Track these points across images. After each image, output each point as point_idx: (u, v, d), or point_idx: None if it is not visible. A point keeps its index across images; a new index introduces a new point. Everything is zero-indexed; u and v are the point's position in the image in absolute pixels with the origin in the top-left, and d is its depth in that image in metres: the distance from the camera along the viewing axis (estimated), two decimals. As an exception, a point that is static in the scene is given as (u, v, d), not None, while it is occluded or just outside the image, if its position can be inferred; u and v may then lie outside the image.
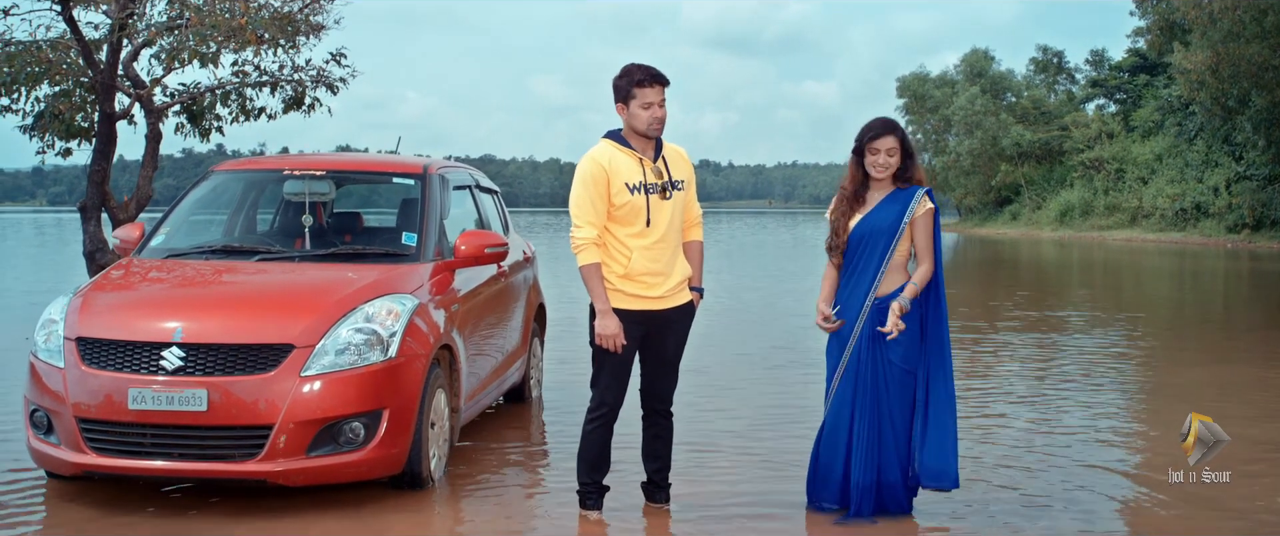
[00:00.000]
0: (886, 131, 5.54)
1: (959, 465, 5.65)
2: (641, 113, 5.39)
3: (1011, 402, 9.11)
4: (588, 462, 5.63)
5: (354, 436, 5.68)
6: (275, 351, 5.60)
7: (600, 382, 5.55)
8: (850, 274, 5.59)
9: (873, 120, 5.59)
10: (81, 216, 12.95)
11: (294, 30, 13.83)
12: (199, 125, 14.40)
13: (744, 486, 6.38)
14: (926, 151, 72.15)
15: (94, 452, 5.62)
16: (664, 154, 5.56)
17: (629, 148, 5.47)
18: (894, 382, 5.52)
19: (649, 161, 5.48)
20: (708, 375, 10.00)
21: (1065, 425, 8.18)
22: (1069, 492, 6.31)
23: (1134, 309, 18.20)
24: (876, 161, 5.53)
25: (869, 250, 5.52)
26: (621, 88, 5.44)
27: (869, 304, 5.49)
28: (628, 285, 5.45)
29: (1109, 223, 51.17)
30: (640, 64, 5.48)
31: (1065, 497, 6.21)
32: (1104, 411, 8.77)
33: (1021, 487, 6.41)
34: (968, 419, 8.12)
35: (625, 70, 5.47)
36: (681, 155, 5.68)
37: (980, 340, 13.18)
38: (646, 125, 5.40)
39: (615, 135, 5.52)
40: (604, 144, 5.51)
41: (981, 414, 8.57)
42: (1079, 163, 55.65)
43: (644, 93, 5.38)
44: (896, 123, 5.60)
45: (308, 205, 7.07)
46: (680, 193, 5.58)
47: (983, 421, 8.28)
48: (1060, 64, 69.92)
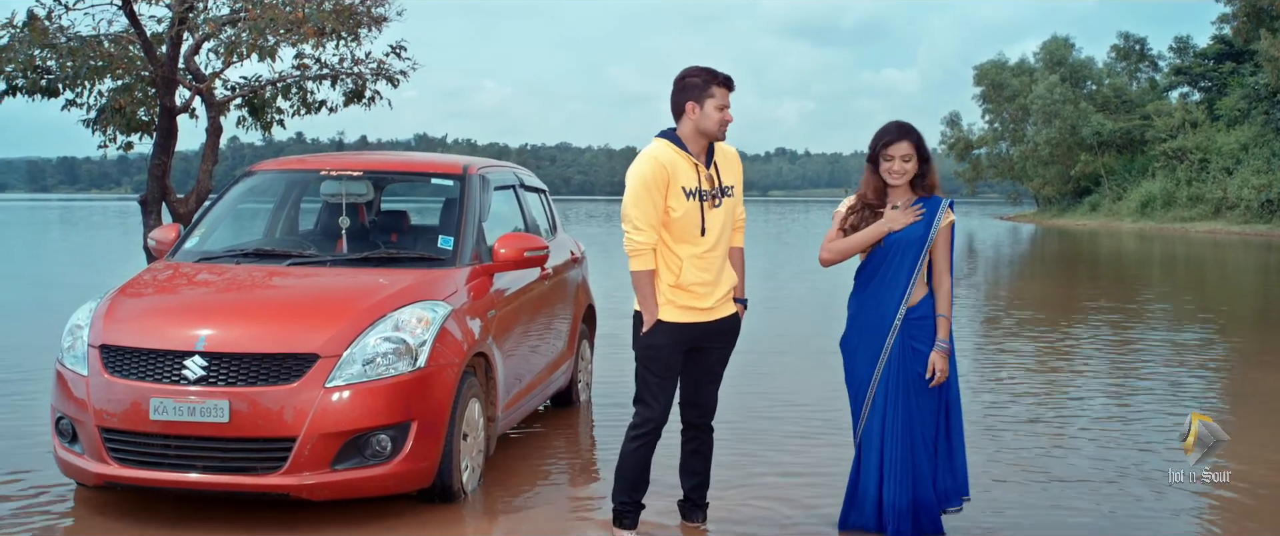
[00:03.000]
0: (901, 136, 5.24)
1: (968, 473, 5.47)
2: (715, 113, 5.15)
3: (1084, 409, 8.72)
4: (627, 481, 5.37)
5: (381, 449, 5.48)
6: (299, 361, 5.41)
7: (644, 399, 5.29)
8: (877, 284, 5.30)
9: (887, 124, 5.30)
10: (142, 210, 12.96)
11: (355, 23, 13.78)
12: (261, 118, 14.40)
13: (782, 508, 6.01)
14: (1004, 140, 71.20)
15: (116, 463, 5.48)
16: (715, 158, 5.29)
17: (686, 150, 5.20)
18: (925, 399, 5.26)
19: (703, 166, 5.22)
20: (746, 382, 9.67)
21: (1143, 439, 7.73)
22: (1137, 516, 5.97)
23: (1218, 306, 17.60)
24: (892, 168, 5.24)
25: (898, 260, 5.24)
26: (696, 86, 5.16)
27: (901, 317, 5.22)
28: (679, 296, 5.20)
29: (1192, 214, 49.99)
30: (712, 68, 5.25)
31: (1131, 521, 5.88)
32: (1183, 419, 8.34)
33: (1082, 508, 6.07)
34: (1034, 423, 7.77)
35: (701, 69, 5.22)
36: (733, 157, 5.41)
37: (1054, 338, 12.76)
38: (718, 127, 5.17)
39: (670, 135, 5.24)
40: (662, 144, 5.22)
41: (1055, 414, 8.21)
42: (1161, 152, 54.39)
43: (721, 93, 5.17)
44: (912, 127, 5.29)
45: (345, 206, 6.89)
46: (730, 199, 5.31)
47: (1051, 427, 7.93)
48: (1142, 51, 68.66)
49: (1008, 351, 12.01)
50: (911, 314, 5.24)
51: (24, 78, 12.37)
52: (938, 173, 5.38)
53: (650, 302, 5.18)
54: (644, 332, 5.21)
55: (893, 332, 5.23)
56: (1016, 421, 8.20)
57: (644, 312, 5.20)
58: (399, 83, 14.40)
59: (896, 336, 5.23)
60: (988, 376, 10.29)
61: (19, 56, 12.07)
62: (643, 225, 5.11)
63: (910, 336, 5.24)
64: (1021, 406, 8.78)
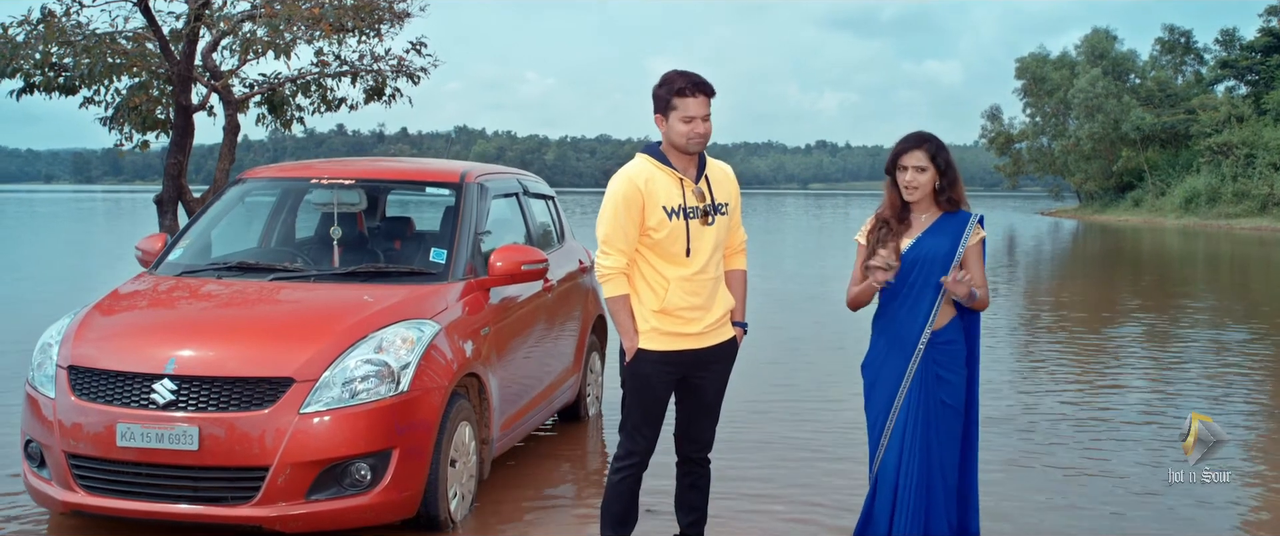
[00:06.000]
0: (914, 146, 4.84)
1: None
2: (681, 127, 4.69)
3: (1124, 420, 8.32)
4: (612, 516, 4.99)
5: (360, 478, 5.17)
6: (273, 385, 5.11)
7: (628, 428, 4.92)
8: (899, 306, 4.89)
9: (907, 134, 4.92)
10: (158, 210, 12.76)
11: (377, 18, 13.55)
12: (280, 115, 14.21)
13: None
14: (1045, 134, 70.36)
15: (83, 491, 5.20)
16: (707, 173, 4.88)
17: (669, 165, 4.79)
18: (946, 428, 4.87)
19: (690, 182, 4.80)
20: (742, 409, 9.17)
21: (1180, 453, 7.32)
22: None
23: (1262, 307, 17.06)
24: (904, 180, 4.84)
25: (922, 283, 4.83)
26: (660, 98, 4.74)
27: (924, 341, 4.83)
28: (664, 322, 4.79)
29: (1237, 211, 49.11)
30: (683, 71, 4.77)
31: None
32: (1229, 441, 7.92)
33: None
34: (1080, 439, 7.40)
35: (665, 78, 4.77)
36: (727, 174, 4.98)
37: (1091, 344, 12.33)
38: (685, 141, 4.71)
39: (654, 150, 4.84)
40: (641, 160, 4.82)
41: (1096, 417, 7.84)
42: (1206, 147, 53.43)
43: (685, 104, 4.68)
44: (929, 137, 4.88)
45: (336, 216, 6.60)
46: (723, 217, 4.89)
47: (1090, 439, 7.55)
48: (1188, 44, 67.62)
49: (1045, 350, 11.60)
50: (937, 338, 4.85)
51: (41, 75, 12.22)
52: (963, 186, 4.94)
53: (627, 331, 4.80)
54: (627, 362, 4.86)
55: (916, 358, 4.84)
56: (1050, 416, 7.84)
57: (623, 341, 4.85)
58: (420, 79, 14.19)
59: (919, 362, 4.85)
60: (1022, 377, 9.90)
61: (35, 53, 11.92)
62: (611, 248, 4.74)
63: (934, 362, 4.85)
64: (1054, 403, 8.40)
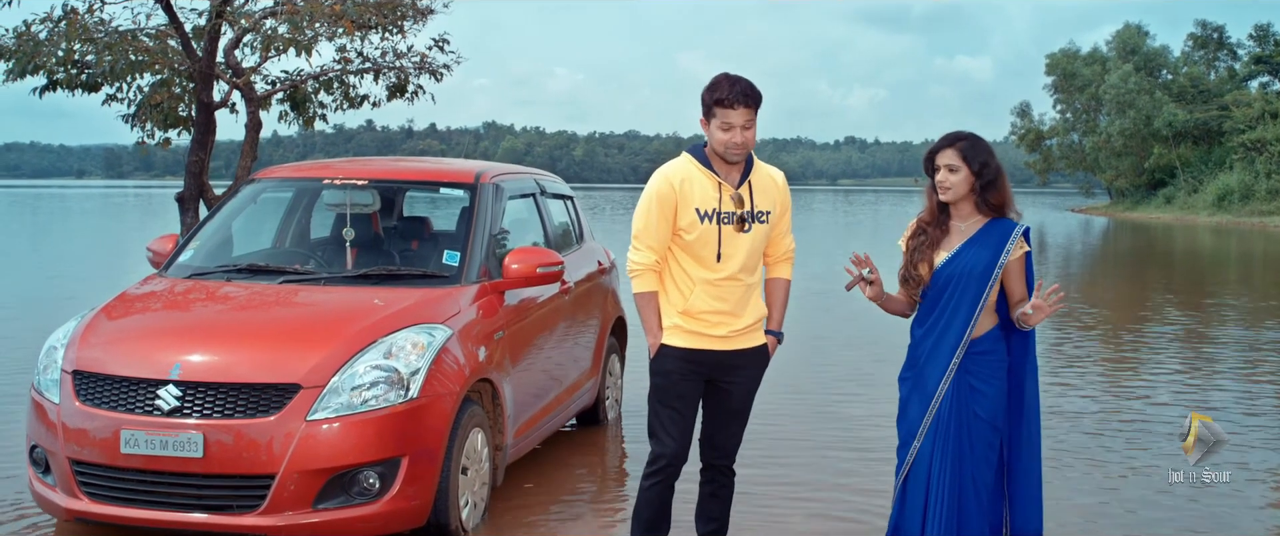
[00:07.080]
0: (946, 144, 4.64)
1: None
2: (719, 134, 4.59)
3: (1155, 429, 8.12)
4: (644, 522, 4.88)
5: (368, 487, 5.05)
6: (279, 392, 4.99)
7: (658, 433, 4.81)
8: (935, 318, 4.70)
9: (945, 134, 4.74)
10: (180, 207, 12.70)
11: (399, 15, 13.47)
12: (303, 113, 14.15)
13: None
14: (1075, 131, 69.81)
15: (87, 498, 5.11)
16: (751, 179, 4.74)
17: (709, 168, 4.67)
18: (979, 440, 4.67)
19: (729, 187, 4.68)
20: (764, 415, 9.05)
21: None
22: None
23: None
24: (938, 180, 4.65)
25: (958, 295, 4.62)
26: (705, 102, 4.65)
27: (960, 353, 4.64)
28: (687, 322, 4.70)
29: (1271, 208, 48.52)
30: (732, 78, 4.64)
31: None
32: (1261, 445, 7.74)
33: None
34: (1107, 443, 7.20)
35: (713, 82, 4.66)
36: (775, 182, 4.82)
37: (1124, 349, 12.10)
38: (723, 149, 4.61)
39: (697, 152, 4.73)
40: (682, 160, 4.74)
41: (1126, 423, 7.64)
42: (1239, 144, 52.80)
43: (725, 113, 4.57)
44: (965, 135, 4.67)
45: (348, 217, 6.48)
46: (762, 226, 4.74)
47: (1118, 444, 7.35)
48: (1221, 40, 66.95)
49: (1078, 351, 11.40)
50: (974, 347, 4.65)
51: (64, 72, 12.19)
52: (1009, 189, 4.68)
53: (651, 328, 4.72)
54: (651, 358, 4.75)
55: (950, 371, 4.66)
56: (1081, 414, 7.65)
57: (647, 338, 4.75)
58: (443, 77, 14.10)
59: (954, 373, 4.67)
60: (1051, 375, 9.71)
61: (58, 51, 11.89)
62: (642, 244, 4.66)
63: (968, 372, 4.65)
64: (1084, 403, 8.21)
